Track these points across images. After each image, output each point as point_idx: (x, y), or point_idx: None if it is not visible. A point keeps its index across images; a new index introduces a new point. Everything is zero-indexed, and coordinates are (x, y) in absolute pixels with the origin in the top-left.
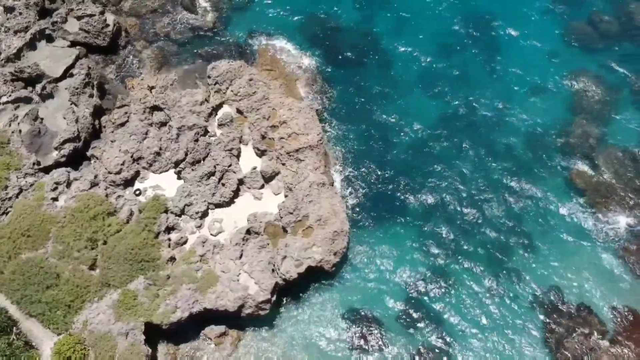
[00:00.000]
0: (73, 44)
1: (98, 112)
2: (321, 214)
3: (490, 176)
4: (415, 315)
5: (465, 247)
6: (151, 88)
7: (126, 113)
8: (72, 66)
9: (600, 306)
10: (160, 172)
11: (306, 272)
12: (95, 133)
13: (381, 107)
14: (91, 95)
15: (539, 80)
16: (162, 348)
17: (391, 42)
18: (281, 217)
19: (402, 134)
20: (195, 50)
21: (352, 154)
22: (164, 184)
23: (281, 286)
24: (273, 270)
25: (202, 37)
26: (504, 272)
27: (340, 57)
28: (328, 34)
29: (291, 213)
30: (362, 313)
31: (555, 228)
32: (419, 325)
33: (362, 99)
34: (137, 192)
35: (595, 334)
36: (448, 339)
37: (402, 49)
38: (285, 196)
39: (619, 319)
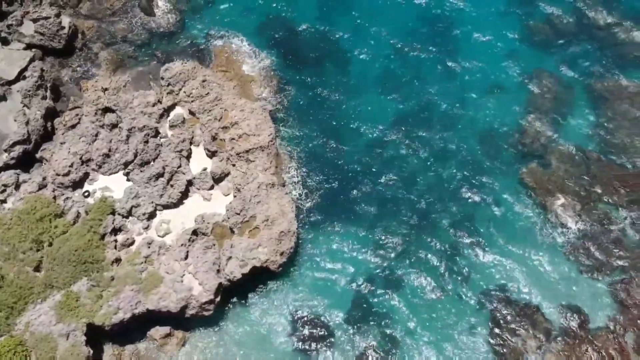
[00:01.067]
0: (29, 46)
1: (51, 114)
2: (268, 215)
3: (442, 176)
4: (362, 316)
5: (414, 248)
6: (104, 90)
7: (77, 115)
8: (25, 69)
9: (547, 306)
10: (110, 174)
11: (251, 272)
12: (47, 135)
13: (337, 108)
14: (44, 97)
15: (495, 80)
16: (108, 349)
17: (349, 43)
18: (228, 218)
19: (357, 134)
20: (152, 52)
21: (307, 154)
22: (113, 185)
23: (226, 287)
24: (218, 270)
25: (160, 39)
26: (452, 271)
27: (298, 58)
28: (287, 36)
29: (238, 214)
30: (310, 314)
31: (504, 228)
32: (365, 326)
33: (319, 100)
34: (86, 194)
35: (542, 333)
36: (395, 340)
37: (360, 50)
38: (234, 197)
39: (565, 319)
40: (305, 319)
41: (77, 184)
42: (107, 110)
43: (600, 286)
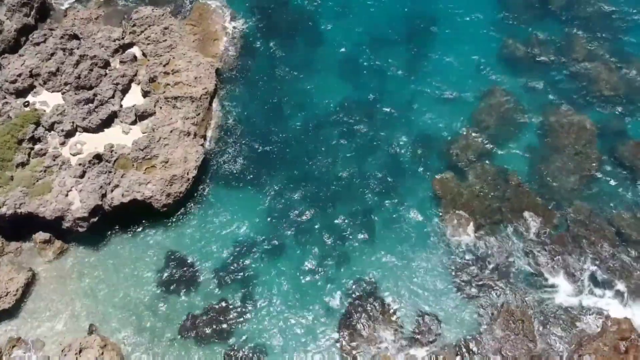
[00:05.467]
0: None
1: (27, 30)
2: (169, 158)
3: (362, 167)
4: (232, 272)
5: (305, 226)
6: (82, 19)
7: (45, 35)
8: None
9: (408, 311)
10: (52, 91)
11: (133, 204)
12: (18, 47)
13: (291, 82)
14: (26, 15)
15: (452, 88)
16: None
17: (329, 25)
18: (132, 152)
19: (299, 110)
20: None
21: (243, 116)
22: (52, 101)
23: (108, 212)
24: (104, 195)
25: None
26: (332, 256)
27: (272, 28)
28: (270, 5)
29: (141, 150)
30: (184, 259)
31: (398, 228)
32: (232, 282)
33: (277, 71)
34: (26, 104)
35: (389, 333)
36: (254, 303)
37: (335, 33)
38: (145, 134)
39: (418, 328)
40: (177, 261)
41: (21, 93)
42: (74, 37)
43: (469, 308)
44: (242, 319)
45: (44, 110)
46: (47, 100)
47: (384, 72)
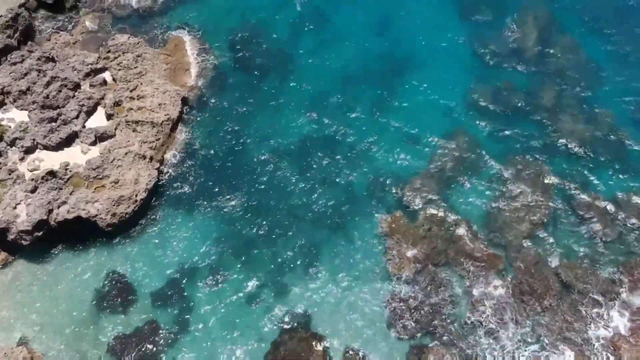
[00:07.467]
0: None
1: (8, 50)
2: (120, 179)
3: (317, 200)
4: (170, 295)
5: (252, 253)
6: (62, 44)
7: (22, 56)
8: None
9: (338, 343)
10: (21, 109)
11: (78, 221)
12: None
13: (260, 114)
14: (9, 37)
15: (417, 129)
16: None
17: (302, 62)
18: (84, 170)
19: (263, 142)
20: (124, 26)
21: (206, 144)
22: (20, 119)
23: (54, 228)
24: (51, 210)
25: (138, 16)
26: (274, 285)
27: (247, 62)
28: (246, 41)
29: (93, 169)
30: (124, 280)
31: (343, 262)
32: (168, 305)
33: (246, 103)
34: None
35: None
36: (185, 327)
37: (308, 70)
38: (100, 155)
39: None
40: (117, 282)
41: None
42: (50, 59)
43: (401, 345)
44: (171, 345)
45: (9, 127)
46: (14, 117)
47: (351, 110)
